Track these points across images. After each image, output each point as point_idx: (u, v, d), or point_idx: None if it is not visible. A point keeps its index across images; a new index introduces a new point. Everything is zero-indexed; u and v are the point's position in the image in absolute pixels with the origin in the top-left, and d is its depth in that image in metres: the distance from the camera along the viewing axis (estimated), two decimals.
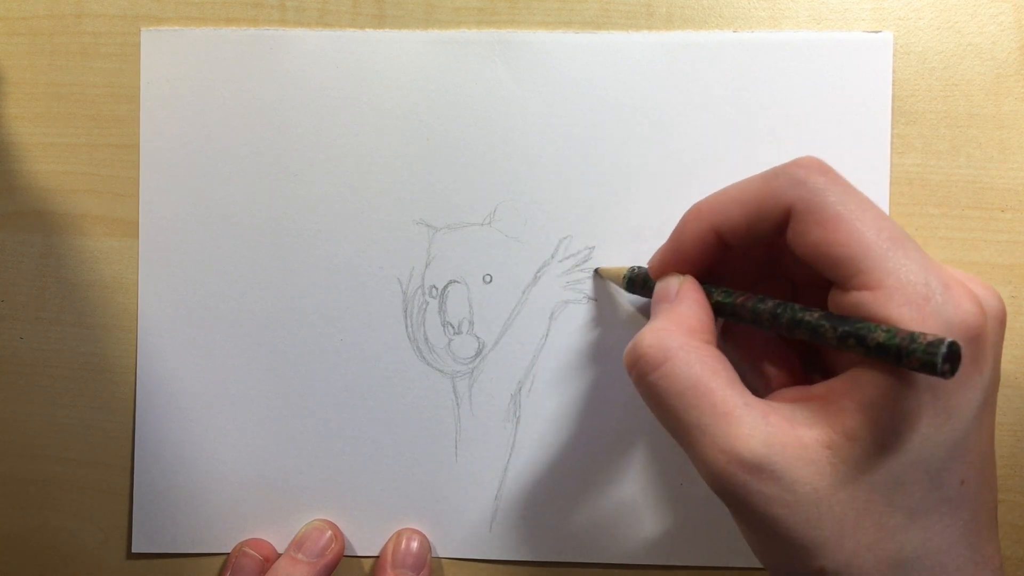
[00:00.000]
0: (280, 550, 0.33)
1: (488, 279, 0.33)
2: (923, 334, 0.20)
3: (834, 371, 0.24)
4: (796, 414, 0.23)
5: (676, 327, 0.25)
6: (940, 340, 0.20)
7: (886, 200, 0.32)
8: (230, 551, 0.33)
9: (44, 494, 0.34)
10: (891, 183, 0.33)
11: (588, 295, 0.33)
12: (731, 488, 0.23)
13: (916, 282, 0.22)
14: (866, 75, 0.32)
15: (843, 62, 0.32)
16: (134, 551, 0.33)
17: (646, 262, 0.29)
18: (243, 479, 0.33)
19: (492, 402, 0.33)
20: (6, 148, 0.34)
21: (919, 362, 0.20)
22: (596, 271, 0.33)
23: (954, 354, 0.20)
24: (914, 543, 0.23)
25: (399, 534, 0.33)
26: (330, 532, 0.33)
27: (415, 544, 0.33)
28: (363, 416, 0.33)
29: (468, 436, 0.33)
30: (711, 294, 0.27)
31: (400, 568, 0.32)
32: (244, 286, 0.33)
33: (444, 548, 0.33)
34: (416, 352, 0.33)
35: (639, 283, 0.30)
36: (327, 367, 0.33)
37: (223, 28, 0.33)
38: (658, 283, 0.28)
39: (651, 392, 0.24)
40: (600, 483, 0.33)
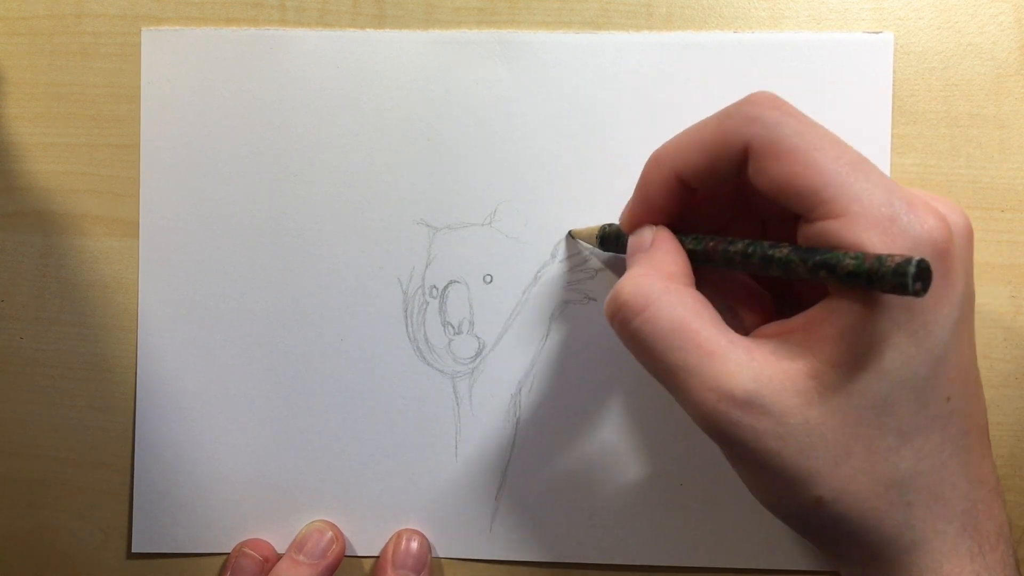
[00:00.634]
0: (280, 550, 0.33)
1: (488, 279, 0.33)
2: (891, 256, 0.20)
3: (809, 305, 0.24)
4: (779, 348, 0.23)
5: (655, 272, 0.25)
6: (908, 260, 0.20)
7: None
8: (230, 551, 0.33)
9: (44, 494, 0.34)
10: None
11: (588, 295, 0.33)
12: (723, 426, 0.23)
13: (880, 204, 0.22)
14: (867, 76, 0.32)
15: (844, 63, 0.32)
16: (134, 551, 0.33)
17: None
18: (243, 479, 0.33)
19: (492, 402, 0.33)
20: (6, 148, 0.34)
21: (891, 285, 0.20)
22: (569, 233, 0.33)
23: (924, 272, 0.20)
24: (907, 463, 0.23)
25: (399, 534, 0.33)
26: (331, 533, 0.33)
27: (415, 544, 0.33)
28: (363, 416, 0.33)
29: (468, 436, 0.33)
30: (683, 242, 0.27)
31: (400, 569, 0.32)
32: (244, 286, 0.33)
33: (444, 548, 0.33)
34: (416, 352, 0.33)
35: (612, 239, 0.30)
36: (327, 367, 0.33)
37: (223, 28, 0.33)
38: (631, 236, 0.28)
39: (636, 338, 0.24)
40: (600, 483, 0.33)
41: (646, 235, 0.27)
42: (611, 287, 0.33)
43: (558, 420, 0.33)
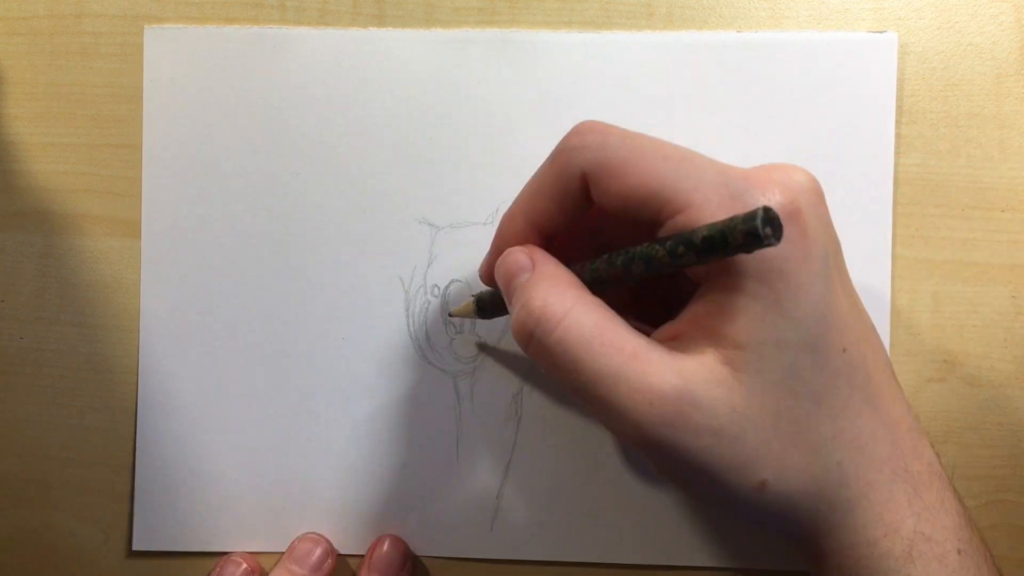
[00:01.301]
0: (280, 548, 0.33)
1: None
2: (736, 215, 0.21)
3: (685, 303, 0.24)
4: (684, 345, 0.23)
5: (560, 283, 0.24)
6: (754, 211, 0.20)
7: (889, 200, 0.32)
8: (230, 550, 0.33)
9: (44, 494, 0.34)
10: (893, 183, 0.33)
11: None
12: (658, 430, 0.22)
13: (717, 187, 0.22)
14: (870, 75, 0.32)
15: (847, 62, 0.32)
16: (135, 549, 0.33)
17: None
18: (244, 478, 0.33)
19: (494, 402, 0.33)
20: (6, 148, 0.34)
21: (743, 237, 0.20)
22: (449, 314, 0.33)
23: (772, 219, 0.20)
24: (826, 424, 0.23)
25: (379, 539, 0.33)
26: (324, 545, 0.33)
27: (385, 546, 0.32)
28: (364, 415, 0.33)
29: (469, 435, 0.33)
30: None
31: (374, 572, 0.32)
32: (246, 286, 0.33)
33: (444, 548, 0.33)
34: (418, 351, 0.33)
35: (489, 305, 0.30)
36: (328, 366, 0.33)
37: (224, 27, 0.33)
38: (499, 262, 0.26)
39: (557, 351, 0.23)
40: (601, 483, 0.33)
41: (518, 256, 0.26)
42: None
43: (559, 420, 0.33)
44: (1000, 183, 0.33)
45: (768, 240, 0.20)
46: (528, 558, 0.33)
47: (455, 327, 0.33)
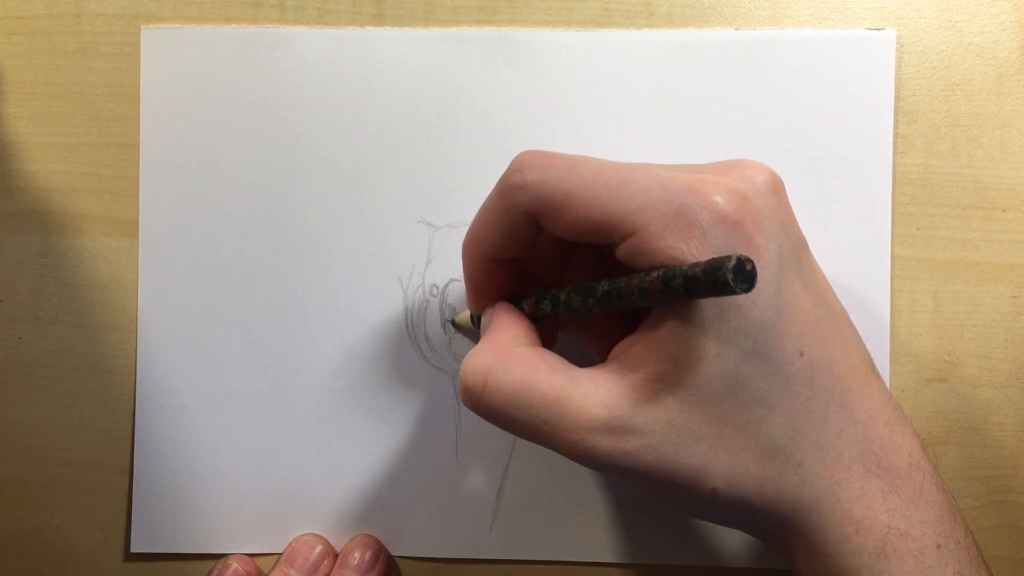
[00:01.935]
0: (279, 549, 0.33)
1: None
2: (697, 264, 0.20)
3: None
4: (624, 363, 0.24)
5: (486, 347, 0.25)
6: (719, 262, 0.19)
7: (888, 199, 0.32)
8: (229, 551, 0.33)
9: (43, 494, 0.34)
10: (892, 182, 0.32)
11: None
12: (599, 459, 0.23)
13: (660, 205, 0.22)
14: (869, 72, 0.32)
15: (846, 59, 0.32)
16: (133, 551, 0.33)
17: None
18: (242, 478, 0.33)
19: None
20: (5, 148, 0.34)
21: (707, 288, 0.20)
22: (452, 321, 0.33)
23: (740, 270, 0.19)
24: (782, 428, 0.23)
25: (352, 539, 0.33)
26: (321, 547, 0.33)
27: (369, 553, 0.32)
28: (363, 415, 0.33)
29: (469, 435, 0.33)
30: (527, 305, 0.27)
31: (344, 569, 0.32)
32: (244, 285, 0.33)
33: (444, 548, 0.33)
34: (417, 351, 0.33)
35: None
36: (327, 366, 0.33)
37: (223, 26, 0.33)
38: (482, 319, 0.28)
39: (491, 413, 0.24)
40: (601, 482, 0.33)
41: (486, 317, 0.28)
42: None
43: None
44: (1001, 183, 0.33)
45: (739, 288, 0.19)
46: (528, 558, 0.33)
47: (454, 327, 0.33)
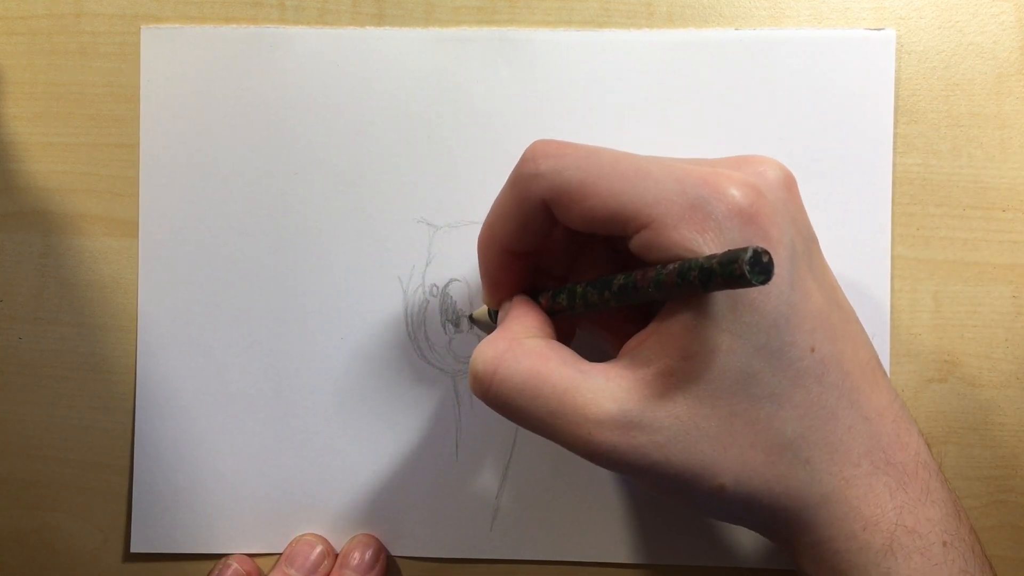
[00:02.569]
0: (278, 549, 0.33)
1: None
2: (713, 256, 0.20)
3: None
4: (635, 358, 0.24)
5: (500, 338, 0.25)
6: (735, 254, 0.19)
7: (888, 198, 0.32)
8: (229, 551, 0.33)
9: (43, 494, 0.34)
10: (893, 182, 0.32)
11: None
12: (606, 455, 0.23)
13: (675, 197, 0.22)
14: (869, 72, 0.32)
15: (845, 59, 0.32)
16: (133, 551, 0.33)
17: None
18: (242, 479, 0.33)
19: None
20: (5, 148, 0.34)
21: (723, 281, 0.19)
22: (470, 317, 0.33)
23: (757, 262, 0.19)
24: (791, 423, 0.23)
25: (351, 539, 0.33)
26: (321, 547, 0.33)
27: (366, 553, 0.32)
28: (363, 415, 0.33)
29: (469, 435, 0.33)
30: (544, 298, 0.27)
31: (344, 568, 0.32)
32: (244, 285, 0.33)
33: (444, 548, 0.33)
34: (417, 351, 0.33)
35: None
36: (327, 366, 0.33)
37: (223, 26, 0.33)
38: (499, 314, 0.28)
39: (499, 402, 0.24)
40: (601, 482, 0.33)
41: (503, 310, 0.28)
42: None
43: None
44: (1001, 183, 0.33)
45: (761, 283, 0.19)
46: (528, 558, 0.33)
47: (454, 326, 0.33)
